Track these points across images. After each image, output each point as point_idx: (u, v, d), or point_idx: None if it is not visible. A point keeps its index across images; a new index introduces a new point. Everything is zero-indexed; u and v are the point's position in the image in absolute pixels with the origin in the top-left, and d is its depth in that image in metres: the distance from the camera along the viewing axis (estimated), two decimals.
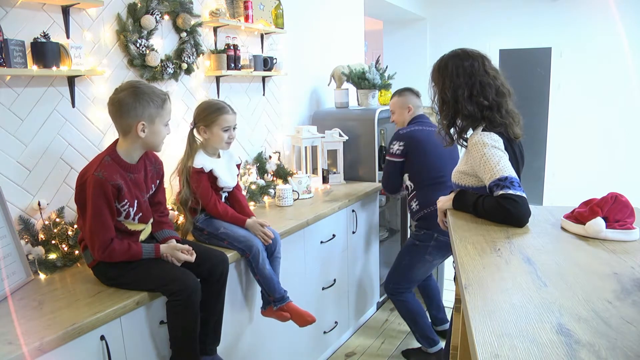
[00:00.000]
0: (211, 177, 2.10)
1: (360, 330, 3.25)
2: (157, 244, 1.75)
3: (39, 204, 1.85)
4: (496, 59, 5.38)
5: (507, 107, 1.75)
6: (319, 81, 3.65)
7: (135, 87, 1.66)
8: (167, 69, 2.30)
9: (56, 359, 1.36)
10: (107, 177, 1.59)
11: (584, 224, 1.40)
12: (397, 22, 6.07)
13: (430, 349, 2.82)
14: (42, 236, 1.84)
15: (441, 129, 1.82)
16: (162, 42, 2.33)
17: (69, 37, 1.93)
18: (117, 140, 1.72)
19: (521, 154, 1.83)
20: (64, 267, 1.84)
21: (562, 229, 1.48)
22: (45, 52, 1.78)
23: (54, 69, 1.80)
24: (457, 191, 1.76)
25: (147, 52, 2.20)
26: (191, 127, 2.12)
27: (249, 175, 2.83)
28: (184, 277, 1.67)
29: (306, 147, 3.15)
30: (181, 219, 2.25)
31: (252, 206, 2.69)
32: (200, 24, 2.50)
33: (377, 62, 3.61)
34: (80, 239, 1.76)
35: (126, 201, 1.66)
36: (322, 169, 3.25)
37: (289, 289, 2.13)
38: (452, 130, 1.80)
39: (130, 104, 1.63)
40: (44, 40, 1.79)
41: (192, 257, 1.76)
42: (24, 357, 1.27)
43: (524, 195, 1.53)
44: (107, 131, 2.10)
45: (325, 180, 3.26)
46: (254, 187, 2.78)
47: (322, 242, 2.68)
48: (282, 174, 3.07)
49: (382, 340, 3.12)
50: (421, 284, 2.98)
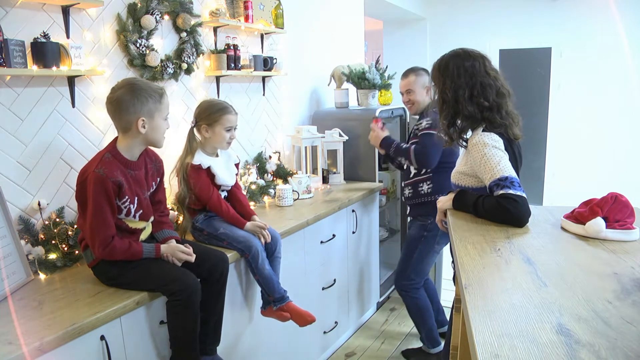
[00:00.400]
0: (209, 174, 2.10)
1: (360, 330, 3.25)
2: (158, 244, 1.75)
3: (39, 204, 1.85)
4: (496, 59, 5.42)
5: (507, 108, 1.75)
6: (319, 81, 3.65)
7: (131, 84, 1.66)
8: (167, 69, 2.30)
9: (56, 359, 1.36)
10: (107, 174, 1.59)
11: (584, 224, 1.40)
12: (397, 22, 6.06)
13: (432, 349, 2.81)
14: (42, 236, 1.84)
15: (441, 129, 1.83)
16: (162, 42, 2.33)
17: (69, 37, 1.93)
18: (117, 137, 1.73)
19: (520, 155, 1.83)
20: (64, 267, 1.83)
21: (562, 229, 1.48)
22: (45, 52, 1.78)
23: (54, 69, 1.80)
24: (457, 191, 1.76)
25: (147, 52, 2.20)
26: (192, 125, 2.12)
27: (249, 175, 2.83)
28: (184, 277, 1.67)
29: (306, 147, 3.15)
30: (181, 219, 2.25)
31: (252, 206, 2.69)
32: (200, 24, 2.50)
33: (377, 62, 3.61)
34: (80, 238, 1.76)
35: (127, 198, 1.66)
36: (322, 169, 3.25)
37: (289, 289, 2.13)
38: (451, 130, 1.80)
39: (128, 101, 1.63)
40: (44, 40, 1.79)
41: (192, 258, 1.76)
42: (24, 357, 1.27)
43: (524, 195, 1.53)
44: (107, 131, 2.10)
45: (325, 180, 3.26)
46: (254, 187, 2.78)
47: (322, 242, 2.68)
48: (282, 174, 3.07)
49: (382, 340, 3.12)
50: None
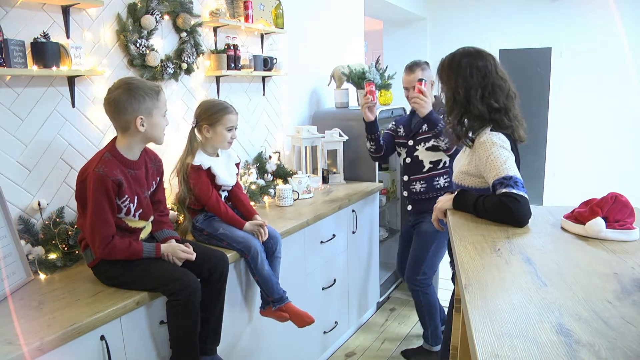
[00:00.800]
0: (209, 174, 2.10)
1: (360, 330, 3.25)
2: (158, 244, 1.75)
3: (39, 204, 1.85)
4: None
5: (515, 111, 1.75)
6: (319, 81, 3.65)
7: (127, 83, 1.67)
8: (167, 69, 2.30)
9: (56, 359, 1.36)
10: (107, 173, 1.59)
11: (584, 224, 1.40)
12: (397, 22, 6.07)
13: (434, 347, 2.82)
14: (42, 236, 1.84)
15: (448, 127, 1.81)
16: (162, 42, 2.33)
17: (69, 37, 1.93)
18: (116, 137, 1.73)
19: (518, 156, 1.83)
20: (64, 267, 1.83)
21: (562, 229, 1.48)
22: (45, 52, 1.78)
23: (54, 69, 1.80)
24: (457, 191, 1.76)
25: (147, 52, 2.20)
26: (193, 125, 2.12)
27: (249, 175, 2.83)
28: (184, 277, 1.67)
29: (306, 147, 3.15)
30: (181, 219, 2.25)
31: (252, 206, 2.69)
32: (200, 24, 2.49)
33: (377, 62, 3.61)
34: (80, 238, 1.76)
35: (126, 197, 1.66)
36: (322, 169, 3.25)
37: (289, 289, 2.13)
38: (458, 128, 1.78)
39: (125, 100, 1.64)
40: (44, 40, 1.79)
41: (193, 256, 1.76)
42: (24, 357, 1.27)
43: (527, 197, 1.53)
44: (107, 131, 2.10)
45: (325, 180, 3.26)
46: (254, 187, 2.78)
47: (322, 242, 2.68)
48: (282, 174, 3.07)
49: (382, 340, 3.12)
50: None
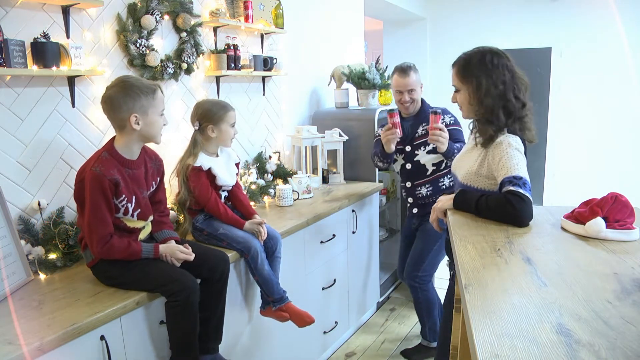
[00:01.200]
0: (210, 175, 2.10)
1: (360, 330, 3.25)
2: (157, 244, 1.75)
3: (39, 204, 1.85)
4: None
5: (531, 112, 1.77)
6: (319, 81, 3.65)
7: (123, 81, 1.68)
8: (167, 69, 2.30)
9: (56, 359, 1.36)
10: (104, 172, 1.60)
11: (584, 224, 1.40)
12: (397, 22, 6.06)
13: (432, 343, 2.83)
14: (42, 236, 1.84)
15: (477, 124, 1.78)
16: (162, 42, 2.33)
17: (69, 37, 1.93)
18: (115, 136, 1.73)
19: None
20: (64, 267, 1.84)
21: (562, 229, 1.48)
22: (45, 52, 1.78)
23: (54, 69, 1.80)
24: (458, 190, 1.75)
25: (147, 52, 2.20)
26: (196, 128, 2.11)
27: (249, 175, 2.83)
28: (182, 278, 1.67)
29: (306, 147, 3.15)
30: (182, 219, 2.25)
31: (252, 206, 2.68)
32: (200, 24, 2.50)
33: (377, 62, 3.61)
34: (80, 238, 1.76)
35: (124, 196, 1.66)
36: (322, 169, 3.25)
37: (289, 289, 2.13)
38: (489, 126, 1.74)
39: (120, 98, 1.64)
40: (44, 40, 1.79)
41: (191, 257, 1.76)
42: (24, 357, 1.27)
43: (532, 199, 1.54)
44: (107, 131, 2.10)
45: (325, 180, 3.26)
46: (254, 187, 2.78)
47: (322, 242, 2.68)
48: (282, 174, 3.07)
49: (382, 340, 3.12)
50: None
